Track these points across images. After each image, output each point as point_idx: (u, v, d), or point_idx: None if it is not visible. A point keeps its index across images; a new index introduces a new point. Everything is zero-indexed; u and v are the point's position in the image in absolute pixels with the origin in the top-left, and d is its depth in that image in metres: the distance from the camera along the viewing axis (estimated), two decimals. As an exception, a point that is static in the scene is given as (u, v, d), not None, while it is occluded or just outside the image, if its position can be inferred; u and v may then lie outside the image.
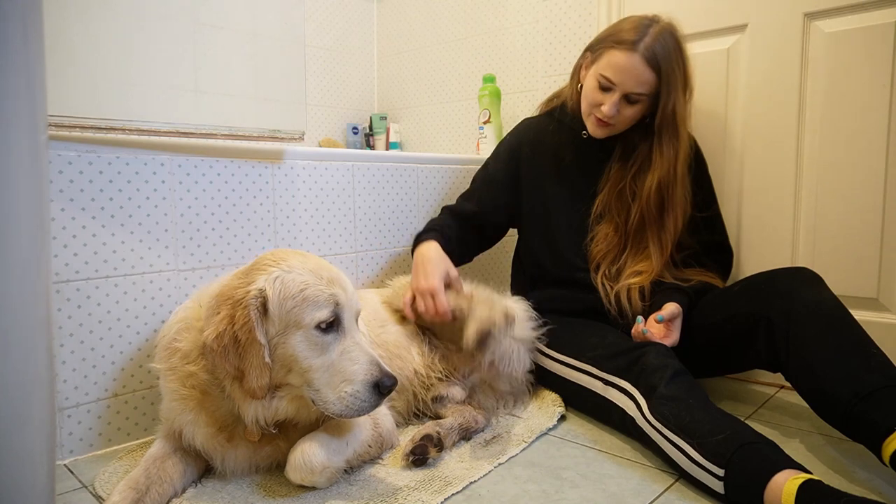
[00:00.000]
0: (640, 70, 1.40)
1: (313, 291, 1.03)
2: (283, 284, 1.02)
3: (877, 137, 1.51)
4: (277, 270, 1.04)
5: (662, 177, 1.47)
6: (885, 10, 1.48)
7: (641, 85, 1.42)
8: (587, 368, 1.38)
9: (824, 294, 1.25)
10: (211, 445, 1.10)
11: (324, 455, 1.06)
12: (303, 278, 1.04)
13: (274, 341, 1.03)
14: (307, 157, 1.62)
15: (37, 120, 0.69)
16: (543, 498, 1.09)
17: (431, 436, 1.22)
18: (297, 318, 1.02)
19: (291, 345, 1.03)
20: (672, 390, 1.17)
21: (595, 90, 1.48)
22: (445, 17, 2.58)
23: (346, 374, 1.03)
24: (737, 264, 1.71)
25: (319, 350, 1.03)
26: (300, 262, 1.07)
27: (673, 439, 1.12)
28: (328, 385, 1.03)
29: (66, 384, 1.25)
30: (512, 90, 2.32)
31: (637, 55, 1.40)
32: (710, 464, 1.04)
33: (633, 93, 1.43)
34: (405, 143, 2.82)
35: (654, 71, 1.41)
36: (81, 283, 1.25)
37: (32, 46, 0.68)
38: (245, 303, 1.00)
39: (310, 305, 1.02)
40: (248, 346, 0.99)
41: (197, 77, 1.84)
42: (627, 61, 1.41)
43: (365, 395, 1.03)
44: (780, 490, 0.94)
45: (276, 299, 1.01)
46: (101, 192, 1.27)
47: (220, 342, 0.99)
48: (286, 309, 1.02)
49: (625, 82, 1.42)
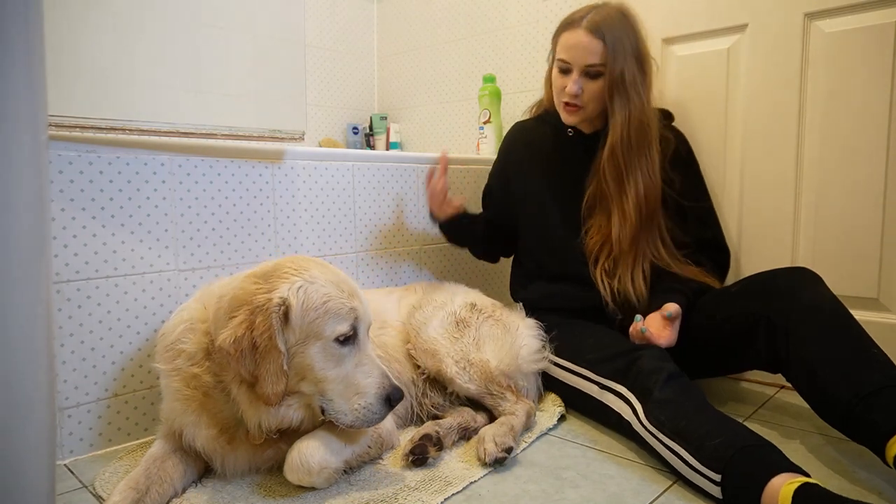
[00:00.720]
0: (586, 41, 1.46)
1: (335, 304, 1.04)
2: (307, 295, 1.03)
3: (877, 137, 1.51)
4: (300, 280, 1.04)
5: (615, 142, 1.48)
6: (885, 10, 1.48)
7: (592, 55, 1.46)
8: (583, 373, 1.38)
9: (824, 294, 1.25)
10: (211, 447, 1.10)
11: (322, 455, 1.06)
12: (326, 290, 1.04)
13: (292, 350, 1.03)
14: (307, 157, 1.62)
15: (37, 120, 0.69)
16: (543, 498, 1.09)
17: (431, 435, 1.22)
18: (317, 330, 1.03)
19: (309, 355, 1.04)
20: (667, 394, 1.17)
21: (557, 77, 1.54)
22: (445, 17, 2.58)
23: (359, 386, 1.05)
24: (737, 264, 1.71)
25: (335, 362, 1.05)
26: (322, 273, 1.07)
27: (669, 444, 1.12)
28: (341, 396, 1.05)
29: (66, 384, 1.25)
30: (512, 90, 2.32)
31: (581, 29, 1.47)
32: (707, 469, 1.04)
33: (588, 65, 1.47)
34: (405, 143, 2.82)
35: (599, 39, 1.45)
36: (81, 283, 1.25)
37: (33, 46, 0.68)
38: (266, 309, 1.00)
39: (332, 318, 1.03)
40: (266, 352, 1.00)
41: (197, 77, 1.84)
42: (574, 37, 1.48)
43: (377, 407, 1.06)
44: (776, 495, 0.93)
45: (298, 309, 1.02)
46: (102, 192, 1.27)
47: (238, 346, 0.99)
48: (308, 320, 1.02)
49: (577, 57, 1.48)
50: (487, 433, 1.22)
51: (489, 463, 1.16)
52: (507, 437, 1.21)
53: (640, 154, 1.49)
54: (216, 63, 1.84)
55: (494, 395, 1.35)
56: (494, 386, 1.35)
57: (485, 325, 1.45)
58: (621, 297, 1.50)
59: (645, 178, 1.49)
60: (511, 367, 1.41)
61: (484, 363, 1.37)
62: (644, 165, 1.49)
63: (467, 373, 1.35)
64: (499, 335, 1.44)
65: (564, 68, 1.51)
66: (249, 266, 1.50)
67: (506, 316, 1.52)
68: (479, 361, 1.37)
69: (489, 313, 1.50)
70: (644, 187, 1.49)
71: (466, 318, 1.45)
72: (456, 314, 1.45)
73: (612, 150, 1.49)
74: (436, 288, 1.59)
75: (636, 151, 1.49)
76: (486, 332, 1.44)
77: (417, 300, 1.52)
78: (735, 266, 1.69)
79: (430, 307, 1.47)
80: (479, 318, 1.47)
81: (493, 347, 1.41)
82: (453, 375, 1.35)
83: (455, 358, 1.36)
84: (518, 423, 1.29)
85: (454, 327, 1.42)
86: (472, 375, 1.35)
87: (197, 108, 1.83)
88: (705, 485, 1.04)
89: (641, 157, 1.49)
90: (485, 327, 1.45)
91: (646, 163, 1.49)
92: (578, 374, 1.40)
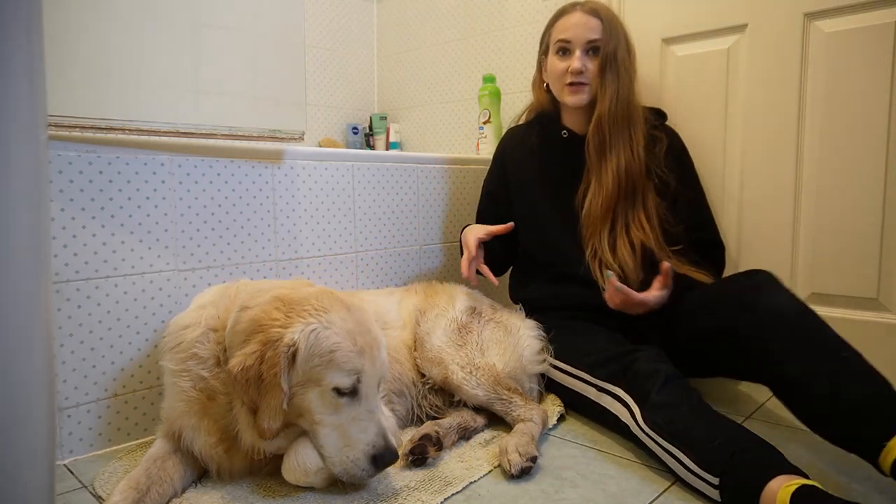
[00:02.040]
0: (586, 20, 1.54)
1: (341, 356, 1.03)
2: (317, 340, 1.02)
3: (877, 137, 1.51)
4: (316, 323, 1.03)
5: (602, 113, 1.52)
6: (885, 10, 1.48)
7: (593, 31, 1.53)
8: (581, 375, 1.38)
9: (784, 297, 1.25)
10: (209, 454, 1.10)
11: (318, 456, 1.07)
12: (336, 339, 1.03)
13: (293, 389, 1.04)
14: (307, 157, 1.62)
15: (37, 120, 0.69)
16: (543, 498, 1.09)
17: (430, 435, 1.22)
18: (317, 377, 1.03)
19: (308, 398, 1.04)
20: (664, 397, 1.17)
21: (557, 62, 1.58)
22: (445, 17, 2.58)
23: (350, 439, 1.05)
24: (737, 265, 1.71)
25: (332, 410, 1.05)
26: (341, 320, 1.06)
27: (667, 447, 1.12)
28: (332, 444, 1.05)
29: (66, 384, 1.25)
30: (512, 90, 2.32)
31: (578, 11, 1.57)
32: (705, 472, 1.04)
33: (589, 40, 1.54)
34: (405, 143, 2.82)
35: (597, 18, 1.54)
36: (81, 283, 1.25)
37: (33, 46, 0.68)
38: (277, 346, 1.00)
39: (334, 369, 1.03)
40: (270, 387, 1.00)
41: (197, 77, 1.83)
42: (573, 17, 1.56)
43: (364, 464, 1.05)
44: (773, 498, 0.93)
45: (304, 353, 1.02)
46: (101, 192, 1.27)
47: (245, 374, 1.00)
48: (311, 365, 1.02)
49: (578, 35, 1.54)
50: (509, 444, 1.20)
51: (515, 474, 1.14)
52: (529, 446, 1.19)
53: (624, 129, 1.53)
54: (216, 63, 1.84)
55: (504, 401, 1.34)
56: (502, 390, 1.34)
57: (487, 329, 1.45)
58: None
59: (626, 153, 1.52)
60: (517, 369, 1.41)
61: (490, 367, 1.37)
62: (626, 141, 1.53)
63: (474, 377, 1.35)
64: (501, 338, 1.45)
65: (565, 48, 1.56)
66: (249, 266, 1.51)
67: (506, 318, 1.52)
68: (485, 366, 1.37)
69: (490, 316, 1.50)
70: (626, 162, 1.51)
71: (468, 324, 1.45)
72: (458, 320, 1.45)
73: (599, 120, 1.53)
74: (436, 290, 1.59)
75: (620, 125, 1.52)
76: (489, 335, 1.44)
77: (419, 302, 1.52)
78: (735, 266, 1.69)
79: (433, 314, 1.46)
80: (480, 322, 1.47)
81: (498, 351, 1.41)
82: (460, 382, 1.35)
83: (461, 364, 1.36)
84: (536, 431, 1.28)
85: (457, 334, 1.42)
86: (479, 380, 1.35)
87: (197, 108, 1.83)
88: (704, 488, 1.04)
89: (625, 132, 1.53)
90: (487, 331, 1.45)
91: (629, 139, 1.53)
92: (576, 377, 1.40)
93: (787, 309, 1.22)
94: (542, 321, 1.54)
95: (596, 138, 1.54)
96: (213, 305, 1.16)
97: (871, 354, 1.60)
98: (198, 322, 1.13)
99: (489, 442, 1.31)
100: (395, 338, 1.42)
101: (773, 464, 0.99)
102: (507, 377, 1.38)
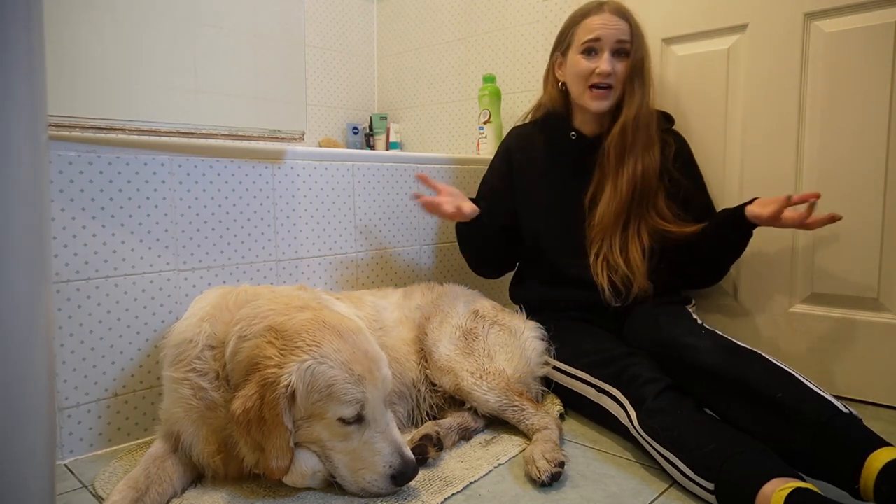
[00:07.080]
0: (615, 20, 1.52)
1: (339, 389, 1.02)
2: (313, 377, 1.01)
3: (877, 137, 1.51)
4: (310, 360, 1.02)
5: (628, 119, 1.51)
6: (885, 10, 1.48)
7: (622, 32, 1.51)
8: (581, 375, 1.38)
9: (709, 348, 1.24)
10: (206, 462, 1.11)
11: (316, 459, 1.07)
12: (332, 373, 1.02)
13: (298, 423, 1.04)
14: (307, 157, 1.62)
15: (37, 120, 0.69)
16: (543, 498, 1.09)
17: (430, 436, 1.22)
18: (320, 411, 1.03)
19: (315, 430, 1.04)
20: (660, 403, 1.17)
21: (583, 62, 1.54)
22: (445, 17, 2.58)
23: (366, 462, 1.05)
24: (737, 264, 1.71)
25: (341, 437, 1.05)
26: (334, 351, 1.04)
27: (663, 453, 1.12)
28: (347, 468, 1.06)
29: (66, 384, 1.25)
30: (512, 90, 2.32)
31: (606, 12, 1.53)
32: (700, 478, 1.04)
33: (619, 41, 1.51)
34: (405, 143, 2.82)
35: (625, 21, 1.52)
36: (81, 283, 1.25)
37: (33, 47, 0.68)
38: (275, 388, 1.00)
39: (334, 403, 1.02)
40: (273, 426, 1.00)
41: (197, 77, 1.84)
42: (601, 18, 1.52)
43: (383, 484, 1.05)
44: (767, 502, 0.93)
45: (303, 391, 1.01)
46: (102, 192, 1.27)
47: (247, 416, 1.00)
48: (311, 401, 1.02)
49: (608, 35, 1.51)
50: (535, 452, 1.18)
51: (546, 481, 1.12)
52: (555, 451, 1.18)
53: (647, 135, 1.53)
54: (216, 63, 1.84)
55: (516, 409, 1.33)
56: (514, 396, 1.34)
57: (492, 333, 1.45)
58: (618, 276, 1.50)
59: (646, 158, 1.52)
60: (525, 372, 1.42)
61: (500, 372, 1.37)
62: (647, 146, 1.52)
63: (485, 381, 1.34)
64: (507, 341, 1.45)
65: (592, 48, 1.53)
66: (249, 266, 1.50)
67: (509, 319, 1.52)
68: (495, 371, 1.37)
69: (493, 319, 1.50)
70: (643, 166, 1.51)
71: (473, 329, 1.45)
72: (462, 326, 1.45)
73: (624, 127, 1.52)
74: (437, 292, 1.58)
75: (643, 132, 1.52)
76: (494, 339, 1.44)
77: (419, 302, 1.52)
78: (735, 266, 1.68)
79: (436, 321, 1.46)
80: (484, 326, 1.47)
81: (505, 355, 1.42)
82: (471, 388, 1.34)
83: (470, 370, 1.36)
84: (556, 436, 1.27)
85: (463, 341, 1.42)
86: (490, 385, 1.34)
87: (197, 108, 1.83)
88: (699, 492, 1.05)
89: (647, 138, 1.53)
90: (492, 335, 1.45)
91: (649, 144, 1.53)
92: (576, 377, 1.40)
93: (719, 364, 1.20)
94: (542, 321, 1.54)
95: (619, 144, 1.53)
96: (211, 321, 1.13)
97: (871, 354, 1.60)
98: (196, 339, 1.11)
99: (489, 442, 1.31)
100: (395, 337, 1.42)
101: (767, 467, 0.98)
102: (517, 382, 1.38)
